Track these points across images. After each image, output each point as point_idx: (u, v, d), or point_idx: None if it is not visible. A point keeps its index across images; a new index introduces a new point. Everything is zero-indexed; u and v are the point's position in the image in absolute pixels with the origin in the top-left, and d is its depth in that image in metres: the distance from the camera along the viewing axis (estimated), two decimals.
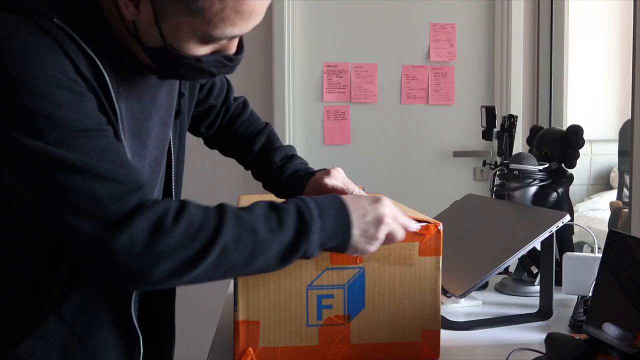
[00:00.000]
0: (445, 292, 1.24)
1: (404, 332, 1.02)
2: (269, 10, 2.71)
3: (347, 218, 0.91)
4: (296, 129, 2.83)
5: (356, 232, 0.91)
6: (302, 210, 0.89)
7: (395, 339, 1.02)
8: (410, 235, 0.99)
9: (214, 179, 2.76)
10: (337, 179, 1.15)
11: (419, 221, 1.01)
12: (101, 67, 0.86)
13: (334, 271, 0.99)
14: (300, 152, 1.33)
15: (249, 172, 1.32)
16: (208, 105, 1.30)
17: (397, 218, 0.96)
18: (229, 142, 1.35)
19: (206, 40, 0.86)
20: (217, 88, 1.31)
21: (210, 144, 1.38)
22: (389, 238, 0.95)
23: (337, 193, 1.05)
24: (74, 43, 0.84)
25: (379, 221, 0.93)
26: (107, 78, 0.86)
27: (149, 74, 0.96)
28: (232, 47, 0.92)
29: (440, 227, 1.01)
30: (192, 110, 1.19)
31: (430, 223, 1.01)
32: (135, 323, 0.98)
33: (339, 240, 0.91)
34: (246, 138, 1.31)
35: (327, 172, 1.17)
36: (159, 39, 0.86)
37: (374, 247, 0.94)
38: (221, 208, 0.86)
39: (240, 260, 0.85)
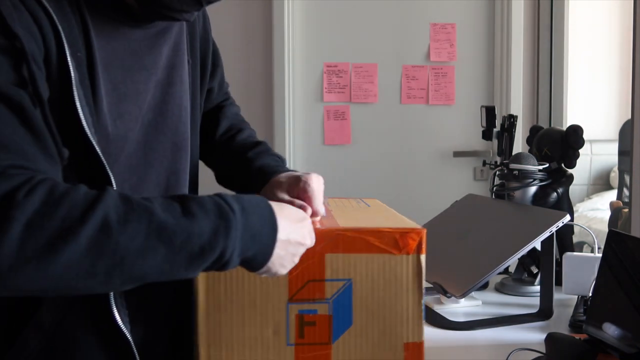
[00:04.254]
0: (445, 292, 1.24)
1: (386, 349, 0.91)
2: (269, 10, 2.74)
3: (274, 223, 0.74)
4: (296, 129, 2.83)
5: (279, 245, 0.75)
6: (218, 202, 0.70)
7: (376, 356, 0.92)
8: (393, 245, 0.89)
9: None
10: (296, 191, 0.95)
11: (400, 231, 0.89)
12: (57, 21, 0.75)
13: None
14: (300, 152, 1.32)
15: None
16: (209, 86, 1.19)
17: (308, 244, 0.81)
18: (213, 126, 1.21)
19: None
20: (219, 73, 1.20)
21: None
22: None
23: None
24: None
25: (300, 244, 0.78)
26: (61, 31, 0.75)
27: (141, 26, 0.89)
28: None
29: (424, 234, 0.90)
30: (205, 85, 1.10)
31: (414, 230, 0.90)
32: (121, 326, 0.84)
33: (261, 247, 0.73)
34: (234, 125, 1.20)
35: (295, 178, 0.98)
36: None
37: (284, 271, 0.78)
38: (100, 188, 0.66)
39: (132, 248, 0.63)
